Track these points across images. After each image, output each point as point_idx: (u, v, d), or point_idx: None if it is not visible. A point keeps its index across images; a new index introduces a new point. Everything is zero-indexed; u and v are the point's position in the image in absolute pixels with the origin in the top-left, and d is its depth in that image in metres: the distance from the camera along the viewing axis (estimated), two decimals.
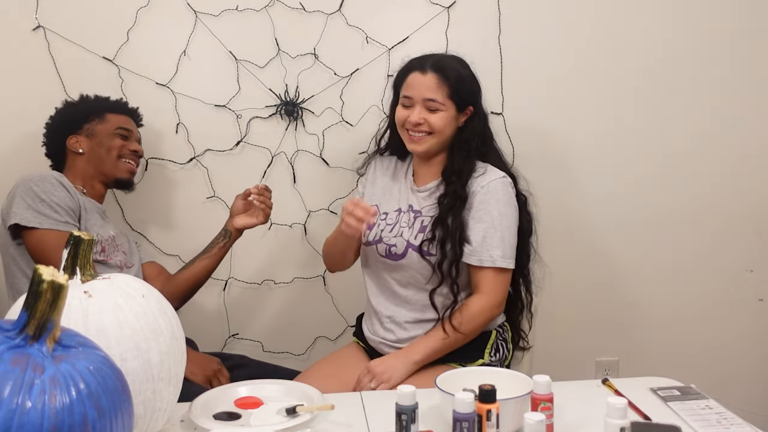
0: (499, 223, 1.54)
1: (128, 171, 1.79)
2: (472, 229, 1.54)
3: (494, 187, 1.56)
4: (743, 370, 2.33)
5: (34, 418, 0.74)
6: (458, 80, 1.59)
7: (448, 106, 1.58)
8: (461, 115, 1.62)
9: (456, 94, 1.58)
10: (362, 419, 1.22)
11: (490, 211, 1.54)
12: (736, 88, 2.23)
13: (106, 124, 1.79)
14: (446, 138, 1.61)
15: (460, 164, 1.59)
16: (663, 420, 1.16)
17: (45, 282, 0.81)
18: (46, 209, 1.57)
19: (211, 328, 2.13)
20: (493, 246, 1.53)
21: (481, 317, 1.55)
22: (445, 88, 1.58)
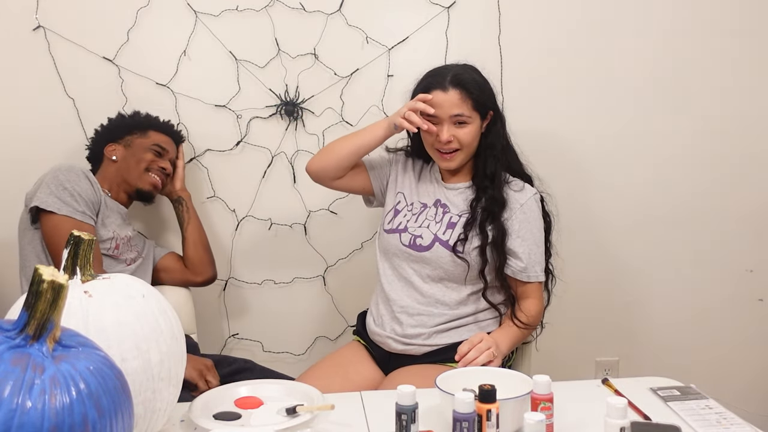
0: (539, 240, 1.63)
1: (151, 184, 1.85)
2: (519, 246, 1.60)
3: (531, 205, 1.63)
4: (743, 370, 2.33)
5: (34, 418, 0.74)
6: (479, 90, 1.62)
7: (474, 118, 1.61)
8: (484, 122, 1.65)
9: (479, 105, 1.61)
10: (362, 419, 1.22)
11: (532, 230, 1.61)
12: (739, 89, 2.23)
13: (146, 139, 1.87)
14: (474, 148, 1.65)
15: (492, 168, 1.63)
16: (663, 420, 1.16)
17: (45, 282, 0.81)
18: (67, 197, 1.63)
19: (211, 328, 2.14)
20: (537, 262, 1.61)
21: (539, 318, 1.65)
22: (469, 101, 1.59)
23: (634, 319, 2.29)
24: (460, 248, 1.59)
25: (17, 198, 1.76)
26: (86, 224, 1.65)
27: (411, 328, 1.62)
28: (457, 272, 1.60)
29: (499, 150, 1.65)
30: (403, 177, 1.76)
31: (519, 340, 1.61)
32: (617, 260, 2.26)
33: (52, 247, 1.64)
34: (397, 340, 1.63)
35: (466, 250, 1.59)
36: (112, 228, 1.76)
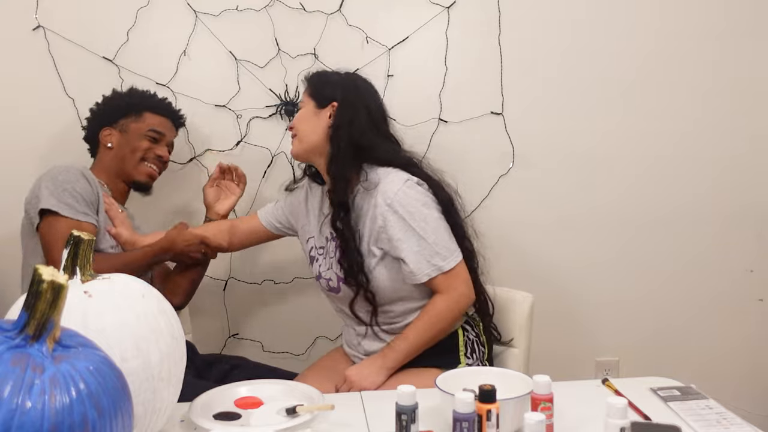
0: (426, 230, 1.49)
1: (147, 175, 1.80)
2: (403, 250, 1.49)
3: (401, 197, 1.49)
4: (743, 370, 2.33)
5: (34, 418, 0.74)
6: (320, 80, 1.64)
7: (306, 102, 1.63)
8: (324, 112, 1.59)
9: (313, 90, 1.62)
10: (362, 419, 1.22)
11: (410, 225, 1.49)
12: (739, 89, 2.23)
13: (141, 123, 1.78)
14: (310, 137, 1.60)
15: (336, 166, 1.55)
16: (663, 420, 1.16)
17: (45, 282, 0.81)
18: (68, 197, 1.59)
19: (211, 328, 2.13)
20: (431, 254, 1.49)
21: (450, 314, 1.52)
22: (308, 88, 1.65)
23: (634, 319, 2.29)
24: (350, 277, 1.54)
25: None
26: (87, 224, 1.61)
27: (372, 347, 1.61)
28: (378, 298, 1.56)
29: (339, 146, 1.55)
30: (307, 218, 1.71)
31: (414, 350, 1.51)
32: (617, 260, 2.26)
33: (50, 249, 1.59)
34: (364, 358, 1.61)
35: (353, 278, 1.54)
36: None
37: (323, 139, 1.59)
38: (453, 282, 1.52)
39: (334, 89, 1.60)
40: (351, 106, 1.58)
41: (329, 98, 1.60)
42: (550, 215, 2.22)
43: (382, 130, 1.63)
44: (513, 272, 2.15)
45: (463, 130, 2.15)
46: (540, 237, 2.22)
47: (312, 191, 1.72)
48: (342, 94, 1.59)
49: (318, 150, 1.60)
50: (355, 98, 1.60)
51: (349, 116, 1.57)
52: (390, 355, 1.51)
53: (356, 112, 1.58)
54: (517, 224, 2.20)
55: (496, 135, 2.16)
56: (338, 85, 1.61)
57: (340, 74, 1.67)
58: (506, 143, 2.17)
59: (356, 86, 1.63)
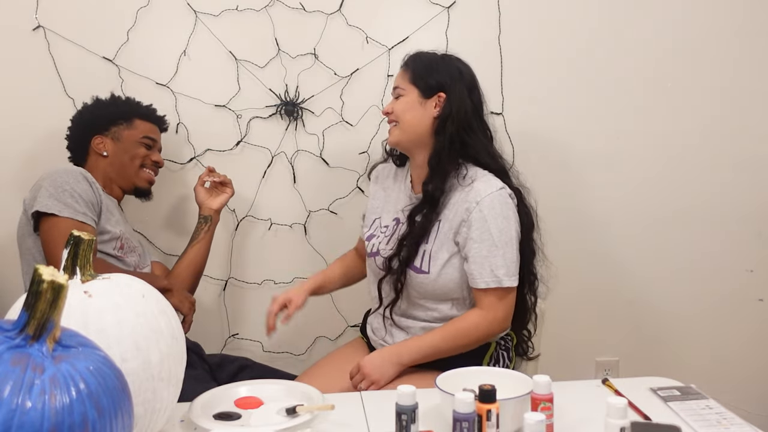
0: (501, 241, 1.48)
1: (147, 180, 1.84)
2: (471, 250, 1.49)
3: (489, 203, 1.48)
4: (743, 370, 2.33)
5: (34, 418, 0.74)
6: (423, 65, 1.58)
7: (409, 90, 1.57)
8: (430, 102, 1.55)
9: (418, 78, 1.56)
10: (362, 419, 1.22)
11: (490, 230, 1.47)
12: (739, 89, 2.23)
13: (134, 130, 1.82)
14: (413, 127, 1.56)
15: (439, 161, 1.52)
16: (663, 420, 1.16)
17: (45, 282, 0.81)
18: (68, 198, 1.60)
19: (211, 328, 2.14)
20: (497, 265, 1.47)
21: (477, 332, 1.50)
22: (408, 73, 1.59)
23: (634, 319, 2.29)
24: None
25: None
26: (87, 225, 1.61)
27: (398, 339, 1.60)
28: (428, 287, 1.55)
29: (446, 139, 1.52)
30: (374, 201, 1.72)
31: (433, 354, 1.49)
32: (617, 260, 2.26)
33: (51, 249, 1.60)
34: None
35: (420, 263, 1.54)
36: (119, 227, 1.73)
37: (428, 131, 1.55)
38: (498, 304, 1.49)
39: (440, 77, 1.55)
40: (459, 98, 1.54)
41: (436, 88, 1.55)
42: (550, 215, 2.21)
43: (482, 120, 1.60)
44: None
45: None
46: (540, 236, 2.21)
47: (382, 170, 1.74)
48: (449, 84, 1.55)
49: (421, 141, 1.57)
50: (461, 88, 1.55)
51: (457, 108, 1.53)
52: (406, 353, 1.50)
53: (463, 104, 1.54)
54: None
55: (496, 135, 2.16)
56: (444, 72, 1.56)
57: (443, 58, 1.60)
58: (506, 143, 2.17)
59: (461, 73, 1.58)
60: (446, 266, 1.53)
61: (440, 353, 1.50)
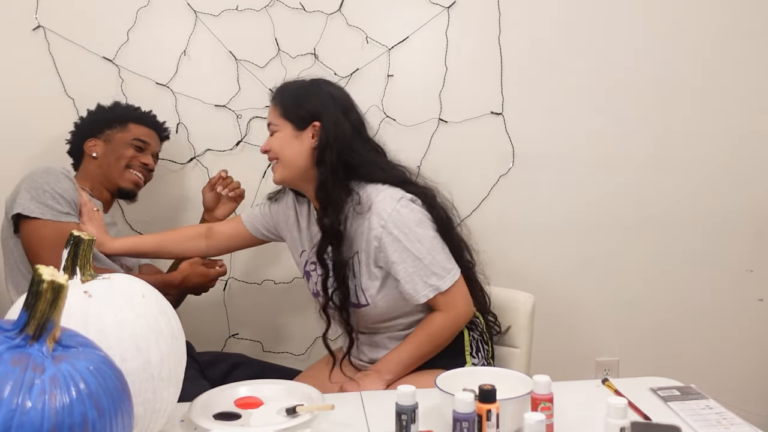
0: (422, 251, 1.44)
1: (133, 182, 1.80)
2: (399, 272, 1.45)
3: (394, 220, 1.43)
4: (743, 370, 2.33)
5: (34, 418, 0.74)
6: (291, 97, 1.52)
7: (282, 125, 1.51)
8: (305, 134, 1.49)
9: (287, 111, 1.50)
10: (362, 419, 1.22)
11: (406, 247, 1.44)
12: (739, 88, 2.23)
13: (126, 133, 1.80)
14: (296, 162, 1.50)
15: (326, 193, 1.46)
16: (663, 420, 1.16)
17: (45, 282, 0.81)
18: (49, 200, 1.58)
19: (211, 328, 2.14)
20: (428, 275, 1.45)
21: (447, 331, 1.49)
22: (278, 108, 1.52)
23: (634, 320, 2.29)
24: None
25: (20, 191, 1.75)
26: (72, 224, 1.59)
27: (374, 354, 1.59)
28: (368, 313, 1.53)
29: (328, 169, 1.46)
30: (298, 232, 1.64)
31: (413, 363, 1.48)
32: (617, 260, 2.26)
33: (34, 251, 1.57)
34: (367, 365, 1.60)
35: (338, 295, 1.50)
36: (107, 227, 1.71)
37: (310, 163, 1.49)
38: (452, 300, 1.48)
39: (311, 106, 1.49)
40: (334, 124, 1.48)
41: (309, 118, 1.49)
42: (550, 215, 2.22)
43: (366, 139, 1.55)
44: (513, 272, 2.16)
45: (463, 130, 2.15)
46: (540, 237, 2.22)
47: (299, 203, 1.64)
48: (322, 111, 1.49)
49: (305, 175, 1.51)
50: (335, 113, 1.49)
51: (334, 134, 1.47)
52: (386, 370, 1.48)
53: (340, 127, 1.48)
54: (517, 224, 2.21)
55: (496, 135, 2.16)
56: (314, 100, 1.50)
57: (311, 85, 1.54)
58: (506, 143, 2.17)
59: (333, 98, 1.52)
60: (382, 291, 1.50)
61: (419, 360, 1.49)
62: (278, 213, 1.68)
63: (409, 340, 1.50)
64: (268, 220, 1.69)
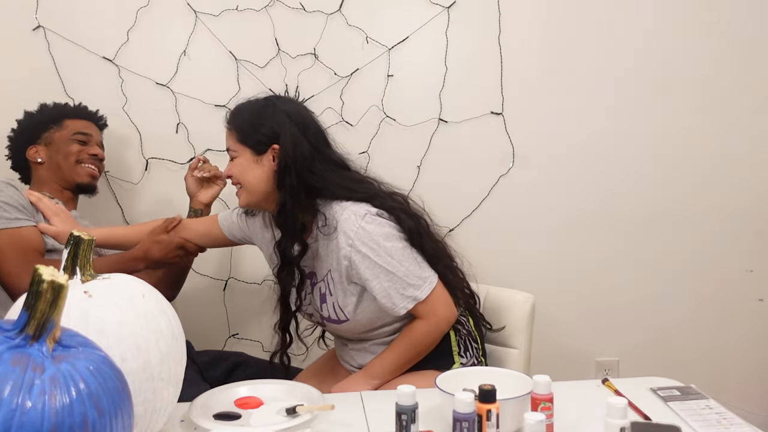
0: (391, 264, 1.41)
1: (88, 175, 1.78)
2: (374, 288, 1.42)
3: (361, 238, 1.40)
4: (743, 370, 2.33)
5: (34, 418, 0.74)
6: (246, 121, 1.47)
7: (240, 151, 1.46)
8: (264, 157, 1.45)
9: (244, 136, 1.46)
10: (362, 419, 1.22)
11: (377, 263, 1.41)
12: (740, 88, 2.23)
13: (64, 130, 1.78)
14: (258, 187, 1.47)
15: (285, 217, 1.44)
16: (663, 420, 1.16)
17: (45, 282, 0.81)
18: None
19: (211, 328, 2.14)
20: (403, 287, 1.42)
21: (429, 338, 1.47)
22: (234, 133, 1.48)
23: (634, 320, 2.29)
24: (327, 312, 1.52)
25: None
26: (25, 228, 1.58)
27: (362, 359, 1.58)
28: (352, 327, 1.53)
29: (287, 192, 1.43)
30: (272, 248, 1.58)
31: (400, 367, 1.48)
32: (618, 260, 2.26)
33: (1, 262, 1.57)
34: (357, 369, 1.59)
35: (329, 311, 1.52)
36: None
37: (272, 186, 1.46)
38: (432, 307, 1.45)
39: (267, 129, 1.45)
40: (292, 143, 1.43)
41: (267, 142, 1.44)
42: (550, 215, 2.22)
43: (327, 157, 1.49)
44: (513, 272, 2.16)
45: (463, 130, 2.15)
46: (540, 237, 2.22)
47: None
48: (279, 132, 1.44)
49: (270, 198, 1.48)
50: (292, 132, 1.44)
51: (292, 156, 1.43)
52: (371, 376, 1.48)
53: (299, 147, 1.44)
54: (517, 224, 2.21)
55: (496, 135, 2.16)
56: (270, 122, 1.45)
57: (265, 106, 1.49)
58: (506, 143, 2.17)
59: (287, 115, 1.46)
60: (360, 306, 1.49)
61: (403, 367, 1.49)
62: (254, 227, 1.65)
63: (392, 348, 1.49)
64: (245, 230, 1.67)
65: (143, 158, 2.05)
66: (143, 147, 2.01)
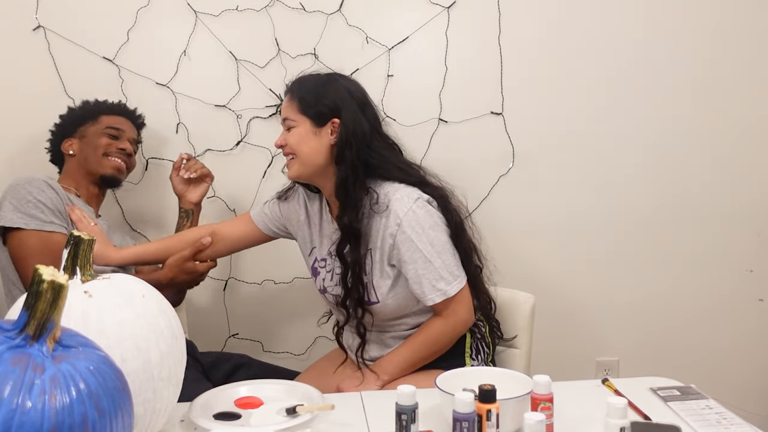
0: (432, 253, 1.44)
1: (113, 168, 1.78)
2: (409, 271, 1.45)
3: (409, 220, 1.43)
4: (743, 370, 2.33)
5: (34, 418, 0.74)
6: (309, 92, 1.49)
7: (300, 121, 1.48)
8: (324, 130, 1.47)
9: (306, 107, 1.48)
10: (362, 419, 1.22)
11: (419, 248, 1.43)
12: (740, 87, 2.23)
13: (98, 125, 1.80)
14: (314, 159, 1.48)
15: (351, 194, 1.45)
16: (663, 420, 1.16)
17: (45, 282, 0.81)
18: (32, 209, 1.57)
19: (211, 328, 2.14)
20: (437, 279, 1.44)
21: (444, 338, 1.50)
22: (295, 102, 1.49)
23: (634, 319, 2.29)
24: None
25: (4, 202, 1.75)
26: (57, 233, 1.58)
27: (375, 352, 1.59)
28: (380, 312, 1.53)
29: (348, 167, 1.45)
30: (309, 229, 1.63)
31: (411, 366, 1.49)
32: (617, 259, 2.26)
33: (20, 262, 1.57)
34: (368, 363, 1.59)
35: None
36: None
37: (328, 160, 1.48)
38: (455, 307, 1.48)
39: (330, 102, 1.47)
40: (353, 121, 1.46)
41: (328, 115, 1.47)
42: (550, 215, 2.22)
43: (383, 136, 1.53)
44: (513, 272, 2.15)
45: (463, 130, 2.15)
46: (540, 237, 2.22)
47: (310, 200, 1.63)
48: (341, 107, 1.47)
49: (323, 171, 1.50)
50: (354, 109, 1.48)
51: (353, 132, 1.46)
52: (382, 372, 1.49)
53: (359, 125, 1.47)
54: (517, 224, 2.21)
55: (496, 135, 2.16)
56: (333, 96, 1.48)
57: (328, 80, 1.52)
58: (506, 143, 2.17)
59: (350, 93, 1.49)
60: (393, 290, 1.50)
61: (415, 365, 1.50)
62: (289, 212, 1.66)
63: (407, 344, 1.51)
64: (278, 218, 1.68)
65: (143, 158, 2.06)
66: (143, 147, 2.01)
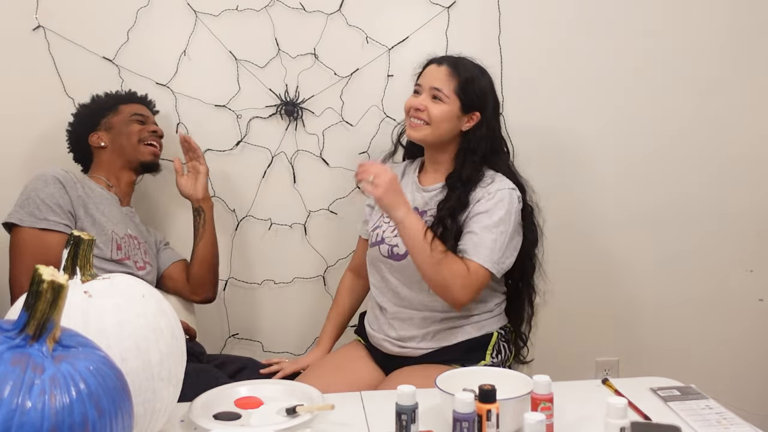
0: (496, 227, 1.52)
1: (151, 153, 1.83)
2: (470, 223, 1.54)
3: (500, 196, 1.55)
4: (743, 370, 2.33)
5: (34, 418, 0.74)
6: (469, 79, 1.60)
7: (451, 101, 1.59)
8: (465, 117, 1.61)
9: (463, 92, 1.58)
10: (362, 419, 1.22)
11: (491, 214, 1.53)
12: (740, 87, 2.23)
13: (121, 114, 1.82)
14: (443, 134, 1.60)
15: (468, 173, 1.59)
16: (663, 420, 1.16)
17: (45, 282, 0.81)
18: (31, 207, 1.57)
19: (211, 328, 2.13)
20: (483, 245, 1.51)
21: (447, 275, 1.48)
22: (454, 81, 1.59)
23: (634, 319, 2.29)
24: None
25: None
26: (50, 231, 1.56)
27: (404, 331, 1.62)
28: None
29: (479, 157, 1.60)
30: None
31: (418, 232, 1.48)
32: (617, 259, 2.26)
33: (12, 260, 1.57)
34: (392, 342, 1.64)
35: None
36: (110, 227, 1.67)
37: (455, 139, 1.62)
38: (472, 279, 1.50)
39: (481, 95, 1.60)
40: (490, 120, 1.62)
41: (475, 107, 1.60)
42: (550, 215, 2.21)
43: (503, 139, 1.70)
44: None
45: None
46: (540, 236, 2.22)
47: (410, 164, 1.76)
48: (485, 104, 1.61)
49: (445, 146, 1.63)
50: (493, 110, 1.63)
51: (489, 130, 1.61)
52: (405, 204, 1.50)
53: (494, 126, 1.63)
54: None
55: None
56: (484, 90, 1.62)
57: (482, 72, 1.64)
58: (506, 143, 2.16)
59: (494, 91, 1.65)
60: None
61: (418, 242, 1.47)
62: None
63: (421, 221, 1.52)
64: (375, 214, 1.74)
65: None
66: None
